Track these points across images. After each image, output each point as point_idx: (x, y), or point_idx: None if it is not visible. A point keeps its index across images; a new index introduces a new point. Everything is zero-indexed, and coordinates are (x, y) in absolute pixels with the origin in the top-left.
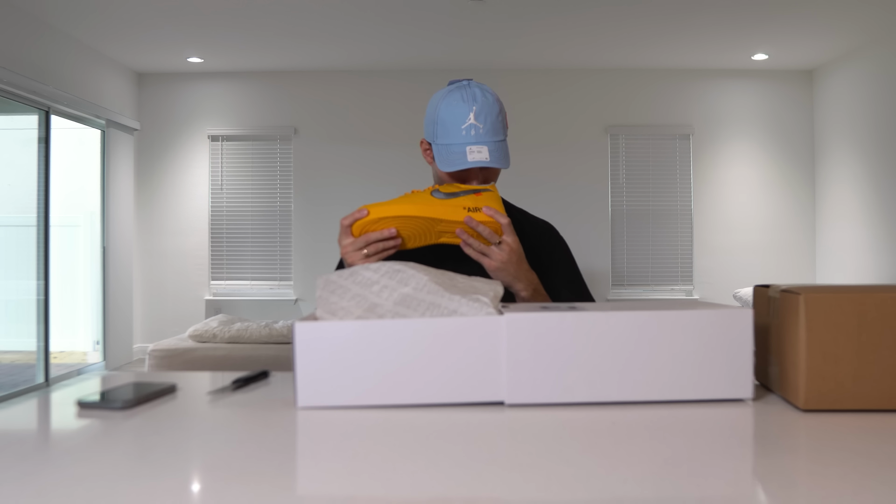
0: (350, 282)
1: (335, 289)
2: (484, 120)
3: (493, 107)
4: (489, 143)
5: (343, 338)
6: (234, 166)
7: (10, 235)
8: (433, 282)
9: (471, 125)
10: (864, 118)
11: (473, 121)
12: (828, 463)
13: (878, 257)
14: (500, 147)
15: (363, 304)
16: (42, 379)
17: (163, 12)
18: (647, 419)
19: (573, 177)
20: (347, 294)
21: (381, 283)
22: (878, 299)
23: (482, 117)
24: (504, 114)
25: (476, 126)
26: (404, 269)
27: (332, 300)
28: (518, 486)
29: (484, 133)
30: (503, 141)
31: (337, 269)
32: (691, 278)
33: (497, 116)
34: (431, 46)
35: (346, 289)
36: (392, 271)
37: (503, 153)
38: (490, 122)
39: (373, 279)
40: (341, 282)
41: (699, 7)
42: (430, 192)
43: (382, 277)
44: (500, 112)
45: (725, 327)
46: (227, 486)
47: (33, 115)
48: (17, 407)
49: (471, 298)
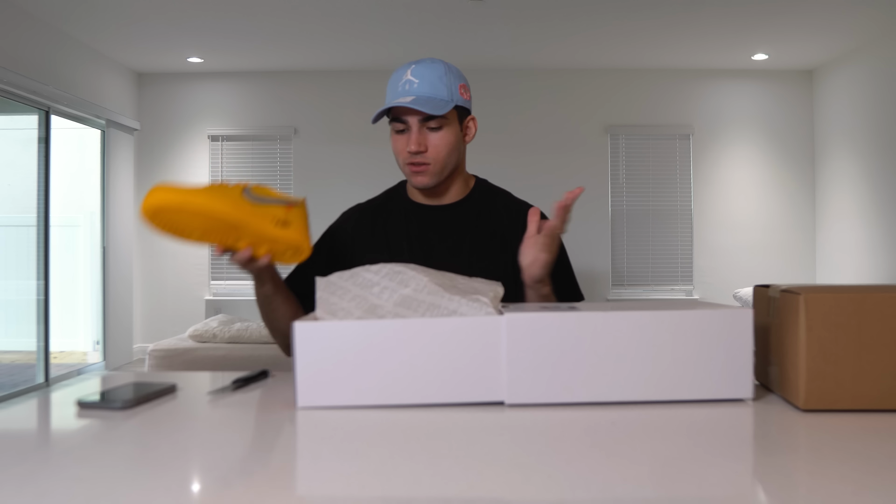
0: (350, 283)
1: (335, 290)
2: (420, 76)
3: (437, 68)
4: (419, 95)
5: (343, 338)
6: (234, 166)
7: (10, 235)
8: (433, 282)
9: (406, 80)
10: (864, 118)
11: (409, 77)
12: (828, 463)
13: (878, 257)
14: (433, 101)
15: (363, 304)
16: (42, 379)
17: (163, 12)
18: (647, 419)
19: (573, 177)
20: (347, 295)
21: (381, 284)
22: (878, 299)
23: (419, 73)
24: (453, 80)
25: (411, 81)
26: (405, 270)
27: (333, 301)
28: (518, 486)
29: (418, 87)
30: (445, 101)
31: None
32: (691, 278)
33: (439, 77)
34: (431, 46)
35: (346, 290)
36: (392, 272)
37: (434, 105)
38: (427, 80)
39: (373, 280)
40: (341, 283)
41: (699, 7)
42: (241, 191)
43: (383, 279)
44: (446, 74)
45: (725, 327)
46: (227, 486)
47: (33, 115)
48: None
49: (471, 299)
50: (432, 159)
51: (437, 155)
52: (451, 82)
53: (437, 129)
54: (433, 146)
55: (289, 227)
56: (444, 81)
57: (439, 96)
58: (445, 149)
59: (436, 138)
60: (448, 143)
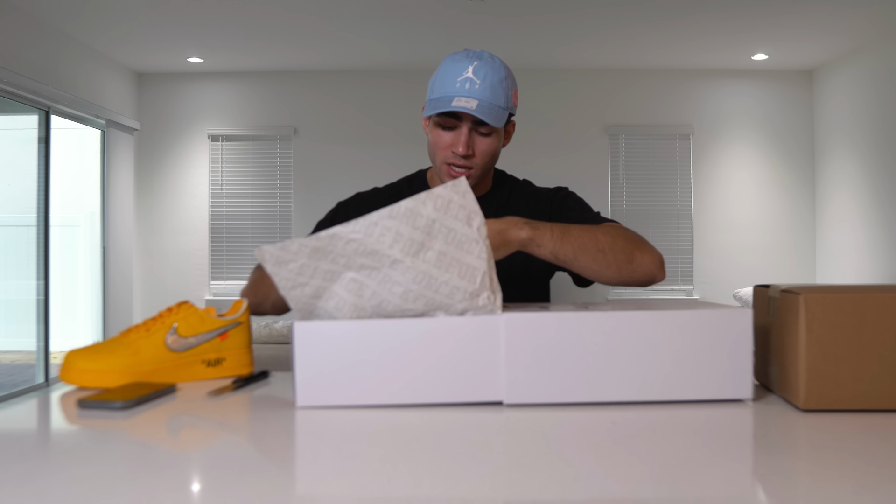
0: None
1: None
2: (483, 77)
3: (499, 70)
4: (482, 101)
5: (342, 337)
6: (234, 166)
7: (10, 235)
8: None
9: (467, 78)
10: (864, 118)
11: (471, 75)
12: (828, 463)
13: (878, 257)
14: (494, 109)
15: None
16: (42, 379)
17: (163, 12)
18: (647, 419)
19: (573, 177)
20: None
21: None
22: (878, 299)
23: (481, 74)
24: (510, 86)
25: (472, 80)
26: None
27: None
28: (518, 486)
29: (479, 90)
30: (503, 109)
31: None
32: (691, 278)
33: (500, 81)
34: (431, 46)
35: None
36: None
37: (495, 115)
38: (489, 82)
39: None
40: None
41: (699, 7)
42: (165, 336)
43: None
44: (506, 79)
45: (725, 328)
46: (227, 486)
47: (33, 115)
48: (17, 407)
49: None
50: (477, 165)
51: (482, 161)
52: (509, 88)
53: (487, 134)
54: (480, 152)
55: (222, 362)
56: (504, 87)
57: (498, 103)
58: (491, 156)
59: (484, 144)
60: (494, 150)
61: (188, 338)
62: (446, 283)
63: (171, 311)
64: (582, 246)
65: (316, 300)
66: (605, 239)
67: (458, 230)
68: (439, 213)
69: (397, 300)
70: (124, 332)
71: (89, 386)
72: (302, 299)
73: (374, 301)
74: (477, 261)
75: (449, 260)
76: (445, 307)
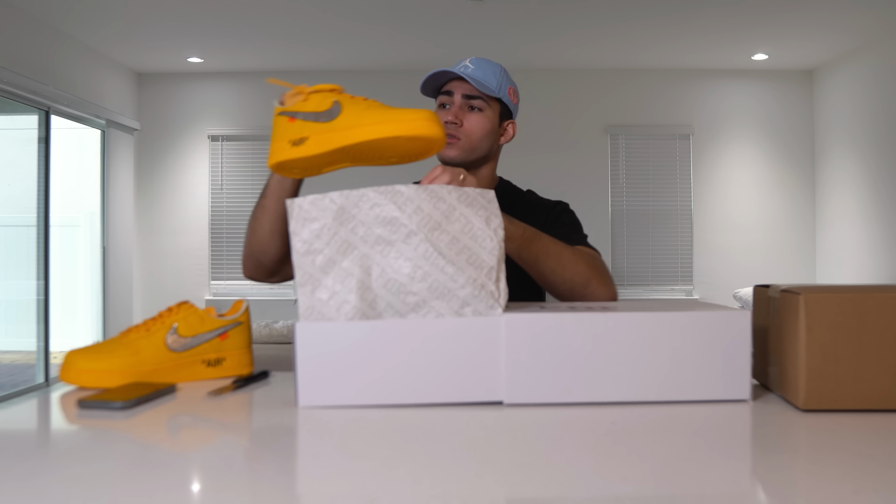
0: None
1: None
2: (476, 63)
3: (494, 65)
4: (472, 76)
5: (344, 338)
6: (234, 166)
7: (10, 235)
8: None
9: (463, 64)
10: (864, 118)
11: (466, 62)
12: (828, 463)
13: (878, 257)
14: (482, 85)
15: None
16: (42, 379)
17: (163, 12)
18: (646, 419)
19: (573, 177)
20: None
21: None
22: (878, 299)
23: (476, 62)
24: (505, 79)
25: (466, 65)
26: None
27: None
28: (518, 486)
29: (472, 71)
30: (493, 89)
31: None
32: (691, 278)
33: (493, 71)
34: (431, 46)
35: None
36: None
37: (483, 87)
38: (482, 68)
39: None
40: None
41: (699, 7)
42: (165, 336)
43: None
44: (501, 72)
45: (724, 329)
46: (227, 486)
47: (33, 115)
48: (17, 407)
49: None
50: (464, 135)
51: (469, 133)
52: (503, 80)
53: (478, 110)
54: (469, 124)
55: (222, 362)
56: (497, 76)
57: (489, 83)
58: (480, 132)
59: (473, 118)
60: (483, 127)
61: (188, 338)
62: (453, 264)
63: (171, 311)
64: (546, 254)
65: (323, 275)
66: (570, 257)
67: (476, 224)
68: (462, 204)
69: (404, 279)
70: (124, 332)
71: (89, 386)
72: (310, 270)
73: (381, 281)
74: (488, 255)
75: (461, 246)
76: (448, 293)
